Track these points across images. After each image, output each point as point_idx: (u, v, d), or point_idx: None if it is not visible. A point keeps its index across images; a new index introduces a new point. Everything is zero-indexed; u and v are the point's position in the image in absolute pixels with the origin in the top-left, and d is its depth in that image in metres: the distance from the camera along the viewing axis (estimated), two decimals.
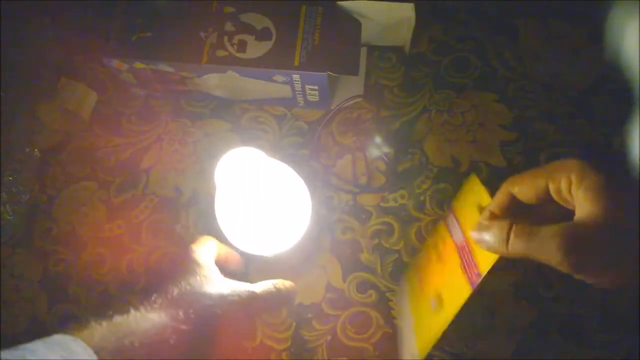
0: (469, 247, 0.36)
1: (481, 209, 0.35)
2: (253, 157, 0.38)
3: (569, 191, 0.28)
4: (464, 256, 0.36)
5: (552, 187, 0.29)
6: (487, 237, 0.30)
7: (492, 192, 0.34)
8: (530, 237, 0.28)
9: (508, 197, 0.31)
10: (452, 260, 0.37)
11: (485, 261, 0.34)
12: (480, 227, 0.31)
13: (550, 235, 0.27)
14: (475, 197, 0.37)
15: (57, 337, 0.26)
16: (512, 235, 0.29)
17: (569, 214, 0.29)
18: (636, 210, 0.26)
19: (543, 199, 0.30)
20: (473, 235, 0.32)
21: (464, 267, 0.35)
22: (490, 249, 0.31)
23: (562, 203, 0.29)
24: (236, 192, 0.38)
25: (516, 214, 0.31)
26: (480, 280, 0.34)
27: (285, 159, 0.42)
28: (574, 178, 0.28)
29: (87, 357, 0.25)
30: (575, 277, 0.28)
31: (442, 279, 0.37)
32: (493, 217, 0.32)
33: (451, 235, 0.39)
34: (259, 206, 0.39)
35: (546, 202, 0.30)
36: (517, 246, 0.29)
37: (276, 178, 0.40)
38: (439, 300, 0.36)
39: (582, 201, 0.27)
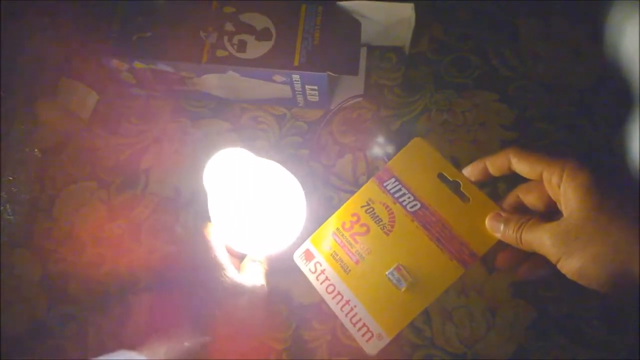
0: (445, 223, 0.36)
1: (436, 174, 0.37)
2: (240, 158, 0.37)
3: (558, 186, 0.31)
4: (433, 230, 0.36)
5: (545, 176, 0.32)
6: (504, 227, 0.33)
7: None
8: (533, 231, 0.31)
9: (506, 161, 0.34)
10: (409, 231, 0.36)
11: (483, 243, 0.35)
12: (498, 218, 0.34)
13: (545, 230, 0.30)
14: (427, 160, 0.37)
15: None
16: (523, 229, 0.32)
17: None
18: (621, 210, 0.28)
19: (534, 179, 0.33)
20: (490, 224, 0.34)
21: (439, 243, 0.35)
22: (504, 238, 0.33)
23: (548, 191, 0.32)
24: (227, 194, 0.38)
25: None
26: (476, 261, 0.34)
27: (285, 159, 0.42)
28: (565, 176, 0.30)
29: None
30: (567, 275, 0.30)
31: (404, 254, 0.36)
32: (509, 211, 0.35)
33: (397, 203, 0.38)
34: (249, 207, 0.38)
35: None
36: (526, 239, 0.31)
37: (267, 178, 0.39)
38: (409, 278, 0.35)
39: (570, 199, 0.30)
